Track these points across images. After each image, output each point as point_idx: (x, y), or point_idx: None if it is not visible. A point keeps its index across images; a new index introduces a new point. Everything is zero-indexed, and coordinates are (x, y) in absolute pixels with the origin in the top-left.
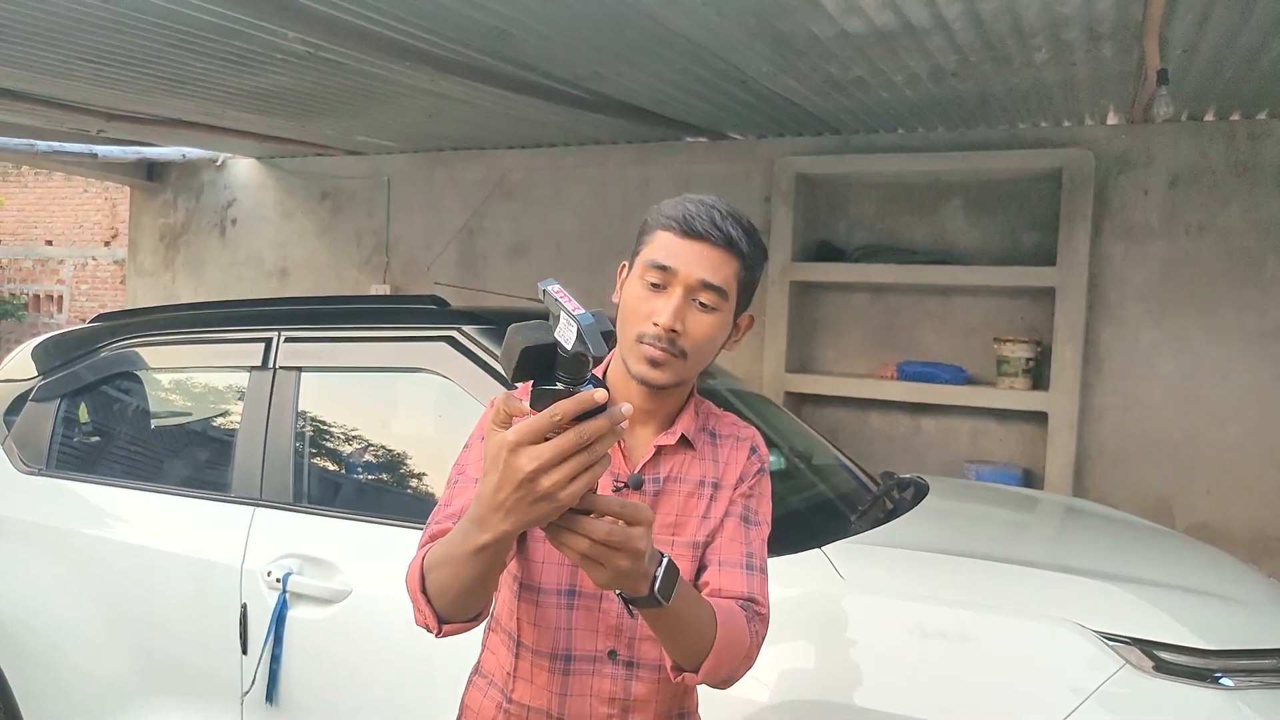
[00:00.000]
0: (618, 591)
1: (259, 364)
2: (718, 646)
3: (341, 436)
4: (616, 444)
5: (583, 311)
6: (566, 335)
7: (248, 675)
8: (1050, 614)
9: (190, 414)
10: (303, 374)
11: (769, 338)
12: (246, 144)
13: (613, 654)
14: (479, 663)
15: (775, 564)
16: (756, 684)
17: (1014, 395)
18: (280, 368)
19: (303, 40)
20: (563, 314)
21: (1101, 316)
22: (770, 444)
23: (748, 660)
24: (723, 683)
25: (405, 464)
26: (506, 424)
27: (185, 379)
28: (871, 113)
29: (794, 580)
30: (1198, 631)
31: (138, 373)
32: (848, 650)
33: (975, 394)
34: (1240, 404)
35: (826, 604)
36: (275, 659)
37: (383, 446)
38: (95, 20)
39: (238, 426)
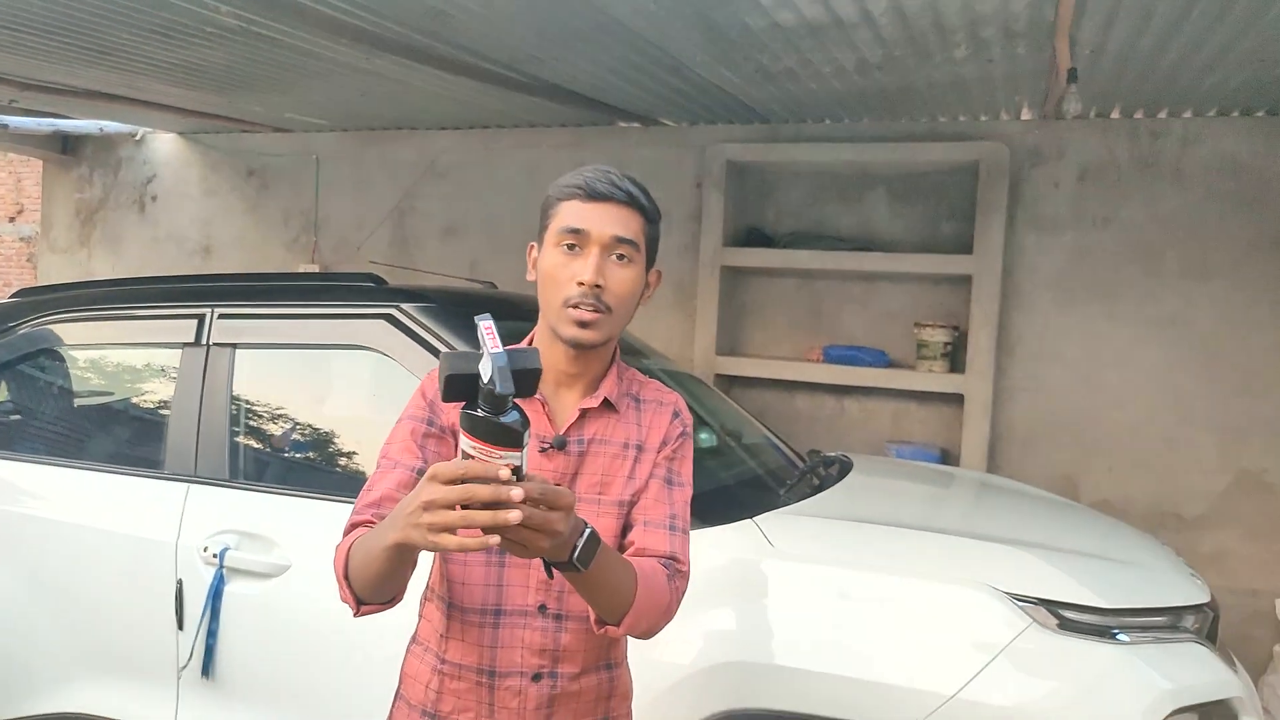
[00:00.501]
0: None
1: (191, 340)
2: (637, 603)
3: (278, 413)
4: (541, 406)
5: (498, 350)
6: (486, 370)
7: (184, 651)
8: (964, 577)
9: (119, 391)
10: (237, 351)
11: (700, 321)
12: (169, 118)
13: (542, 608)
14: (416, 631)
15: (709, 533)
16: (687, 647)
17: (933, 378)
18: (214, 344)
19: (235, 14)
20: (484, 350)
21: (1014, 303)
22: (701, 422)
23: (667, 614)
24: (644, 634)
25: (342, 440)
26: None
27: (113, 356)
28: (801, 103)
29: (726, 548)
30: (1098, 592)
31: (64, 349)
32: (776, 613)
33: (896, 376)
34: (1138, 387)
35: (757, 570)
36: (212, 634)
37: (320, 423)
38: None
39: (169, 403)
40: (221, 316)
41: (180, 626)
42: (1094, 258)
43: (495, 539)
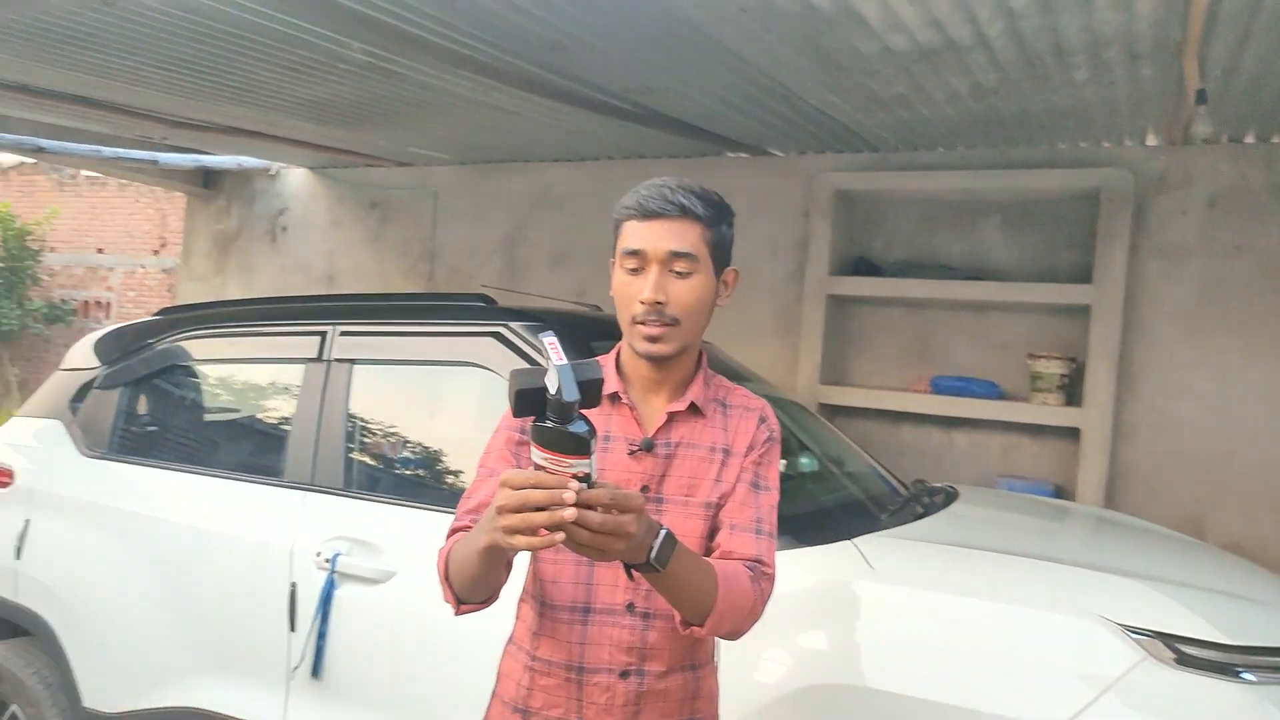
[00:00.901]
0: None
1: (314, 356)
2: (719, 604)
3: (391, 427)
4: (629, 411)
5: (563, 363)
6: (553, 382)
7: (295, 651)
8: (1073, 606)
9: (246, 403)
10: (355, 366)
11: (804, 350)
12: (300, 153)
13: (630, 606)
14: (512, 632)
15: (806, 553)
16: (781, 667)
17: (1047, 411)
18: (334, 360)
19: (366, 50)
20: (550, 363)
21: (1137, 334)
22: (803, 447)
23: (752, 615)
24: (729, 635)
25: (450, 454)
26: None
27: (242, 370)
28: (912, 130)
29: (824, 569)
30: (1220, 627)
31: (197, 363)
32: (873, 637)
33: (1008, 409)
34: (1274, 424)
35: (854, 592)
36: (322, 635)
37: (430, 437)
38: (176, 29)
39: (291, 415)
40: (342, 334)
41: (293, 628)
42: (1226, 288)
43: (560, 536)
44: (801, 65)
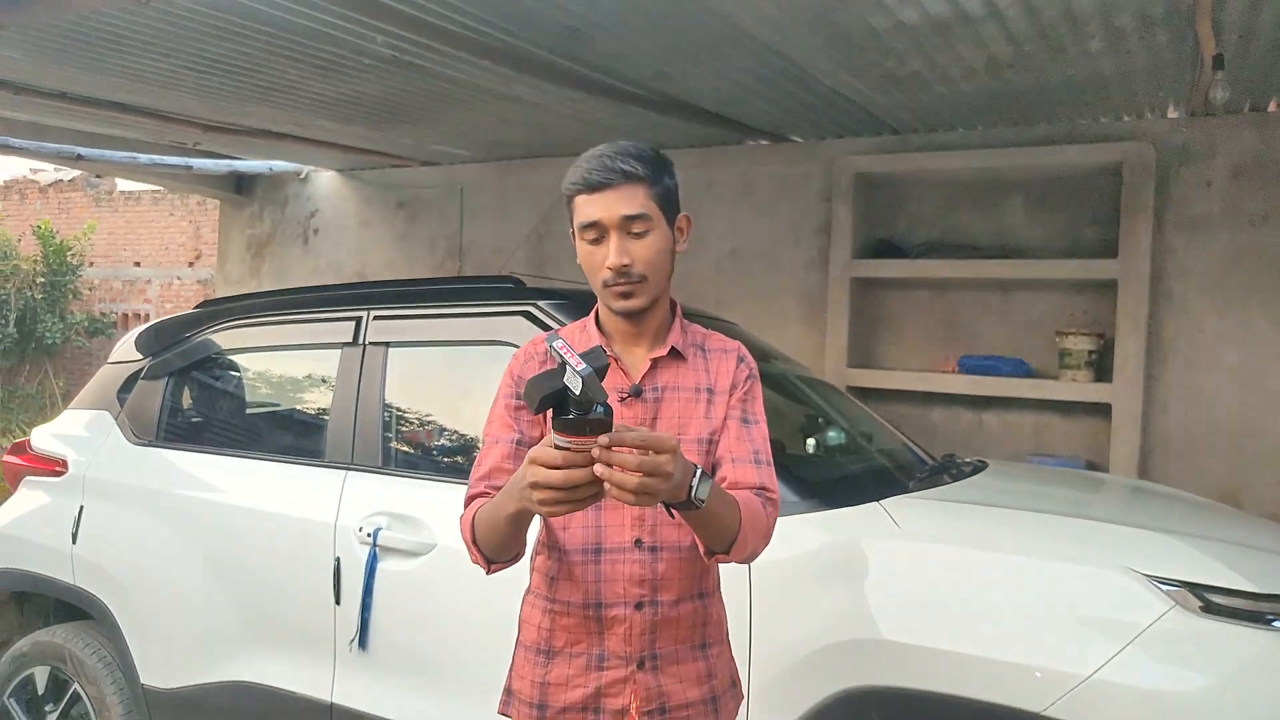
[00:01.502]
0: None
1: (350, 340)
2: (743, 530)
3: (427, 405)
4: (614, 362)
5: (584, 367)
6: (574, 383)
7: (341, 624)
8: (1100, 559)
9: (285, 388)
10: (390, 349)
11: (830, 334)
12: (329, 155)
13: (638, 542)
14: (529, 584)
15: (835, 515)
16: (810, 625)
17: (1077, 387)
18: (370, 343)
19: (389, 44)
20: (568, 366)
21: (1164, 308)
22: (833, 423)
23: (766, 538)
24: (748, 559)
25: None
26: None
27: (281, 356)
28: (930, 110)
29: (852, 528)
30: (1248, 577)
31: (238, 351)
32: (900, 592)
33: (1037, 386)
34: None
35: (882, 550)
36: (366, 608)
37: (464, 414)
38: (207, 28)
39: (330, 398)
40: (376, 318)
41: (338, 601)
42: (1253, 258)
43: (601, 493)
44: (816, 44)
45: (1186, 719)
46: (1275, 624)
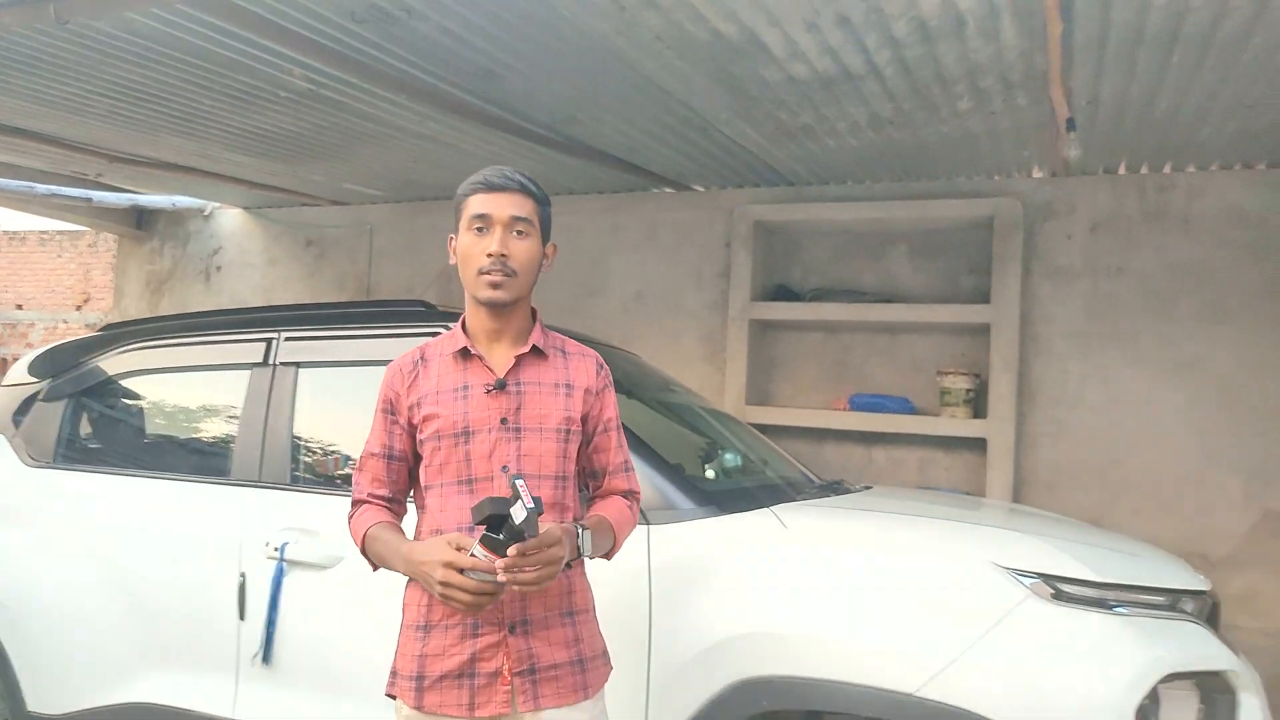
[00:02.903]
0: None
1: (260, 361)
2: (618, 541)
3: (337, 424)
4: (480, 361)
5: (532, 505)
6: (519, 514)
7: (245, 639)
8: (965, 555)
9: (191, 409)
10: (301, 369)
11: (730, 372)
12: (237, 191)
13: None
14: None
15: (731, 519)
16: (710, 621)
17: (956, 424)
18: (280, 363)
19: (306, 76)
20: (520, 501)
21: (1032, 350)
22: (731, 446)
23: (634, 529)
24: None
25: None
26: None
27: (187, 378)
28: (821, 163)
29: (745, 531)
30: (1095, 569)
31: (145, 373)
32: (788, 588)
33: (921, 423)
34: (1160, 430)
35: (771, 550)
36: (271, 622)
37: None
38: (123, 54)
39: (237, 418)
40: (288, 339)
41: (243, 617)
42: (1109, 305)
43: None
44: (716, 94)
45: (1040, 693)
46: (1117, 609)
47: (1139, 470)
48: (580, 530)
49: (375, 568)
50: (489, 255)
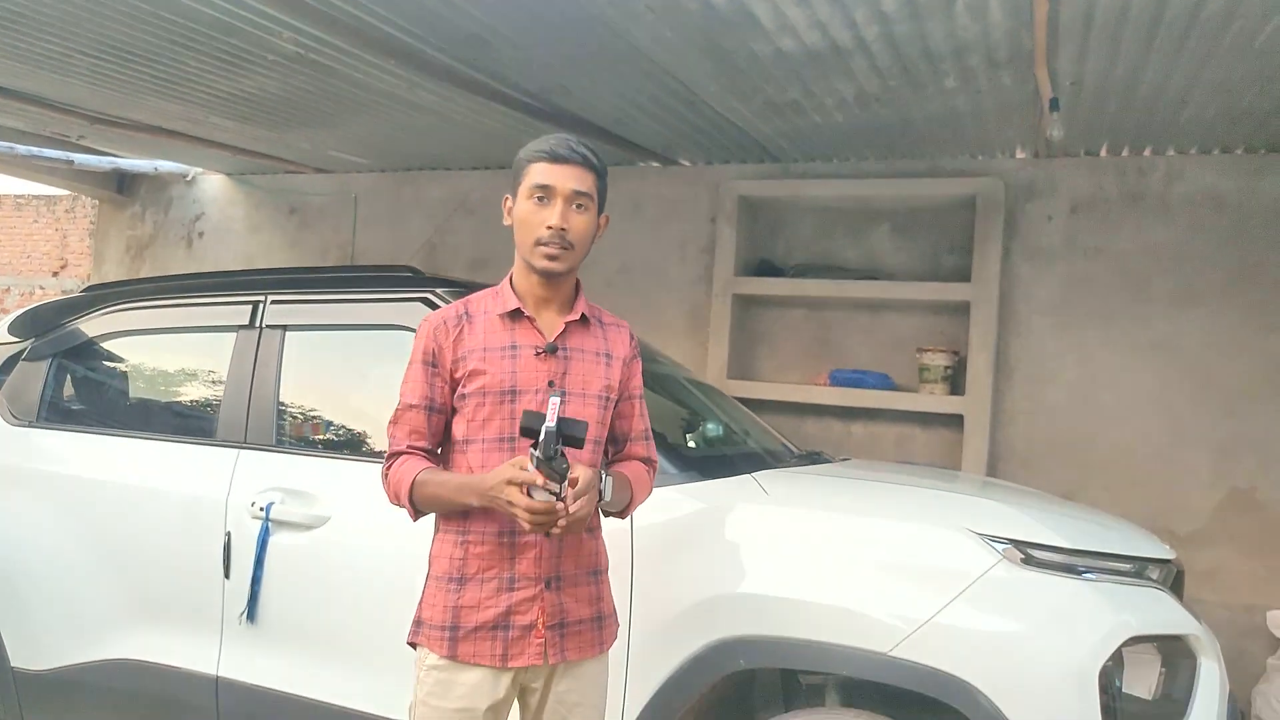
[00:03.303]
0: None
1: (246, 323)
2: (635, 499)
3: (323, 386)
4: (530, 322)
5: (552, 424)
6: (547, 428)
7: (230, 597)
8: (940, 520)
9: (176, 370)
10: (288, 332)
11: (712, 346)
12: (221, 157)
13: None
14: (437, 522)
15: (712, 484)
16: (691, 581)
17: (934, 399)
18: (267, 326)
19: (295, 40)
20: (549, 415)
21: (1011, 329)
22: (714, 416)
23: (650, 495)
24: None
25: (379, 409)
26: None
27: (173, 339)
28: (807, 139)
29: (727, 496)
30: (1064, 535)
31: (130, 333)
32: (768, 551)
33: (899, 399)
34: (1132, 409)
35: (752, 514)
36: (257, 580)
37: (359, 394)
38: (110, 11)
39: (223, 379)
40: (274, 302)
41: (228, 576)
42: (1086, 285)
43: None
44: (704, 67)
45: (1009, 653)
46: (1085, 575)
47: (1111, 447)
48: (603, 475)
49: (416, 517)
50: (549, 228)
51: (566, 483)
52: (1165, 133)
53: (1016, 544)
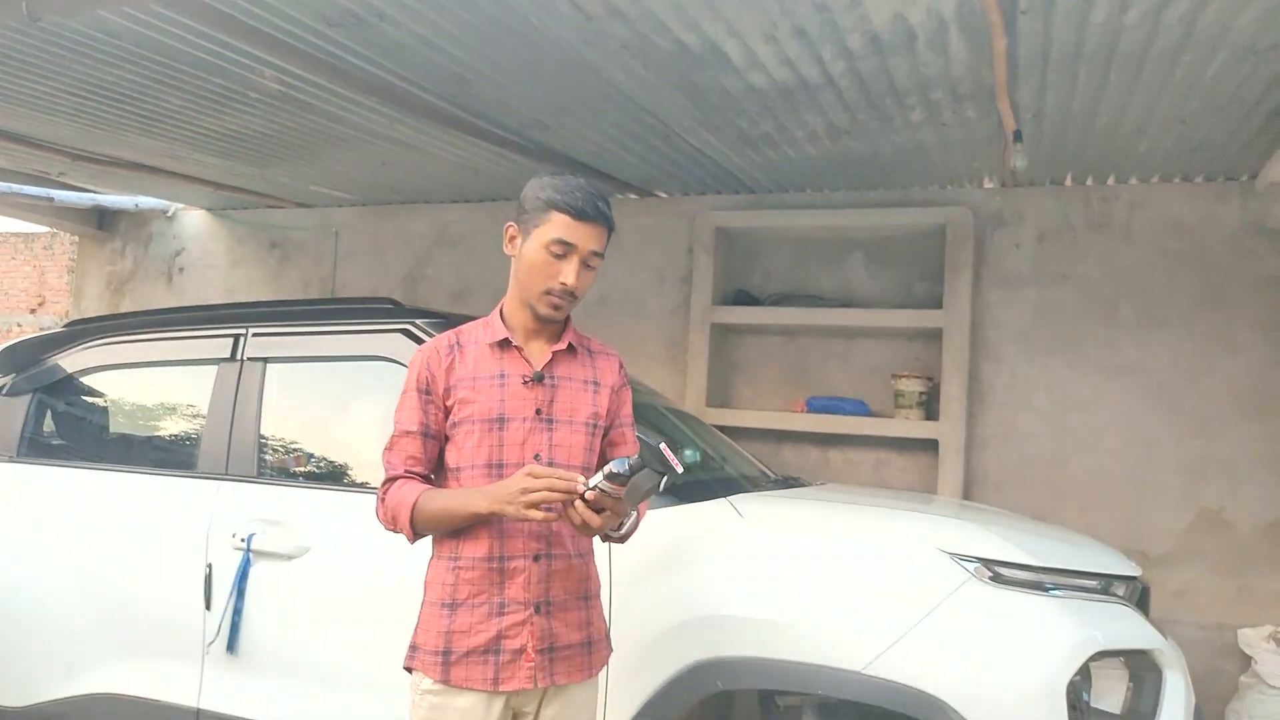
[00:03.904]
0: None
1: (228, 356)
2: (638, 527)
3: (305, 418)
4: (519, 353)
5: (681, 471)
6: (668, 474)
7: (210, 628)
8: (911, 540)
9: (156, 403)
10: (269, 364)
11: (691, 375)
12: (201, 192)
13: (538, 556)
14: (434, 549)
15: (690, 508)
16: (671, 604)
17: (909, 425)
18: (248, 359)
19: (278, 78)
20: (670, 468)
21: (983, 354)
22: (691, 443)
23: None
24: None
25: (362, 440)
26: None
27: (153, 373)
28: (781, 171)
29: (703, 519)
30: (1031, 554)
31: (111, 368)
32: (743, 573)
33: (875, 424)
34: (1103, 432)
35: (728, 537)
36: (237, 611)
37: (341, 425)
38: (96, 53)
39: (204, 412)
40: (256, 335)
41: (208, 607)
42: (1055, 311)
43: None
44: (679, 102)
45: (979, 669)
46: (1052, 591)
47: (1082, 470)
48: (632, 515)
49: (414, 539)
50: (563, 283)
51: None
52: (1126, 162)
53: (985, 562)
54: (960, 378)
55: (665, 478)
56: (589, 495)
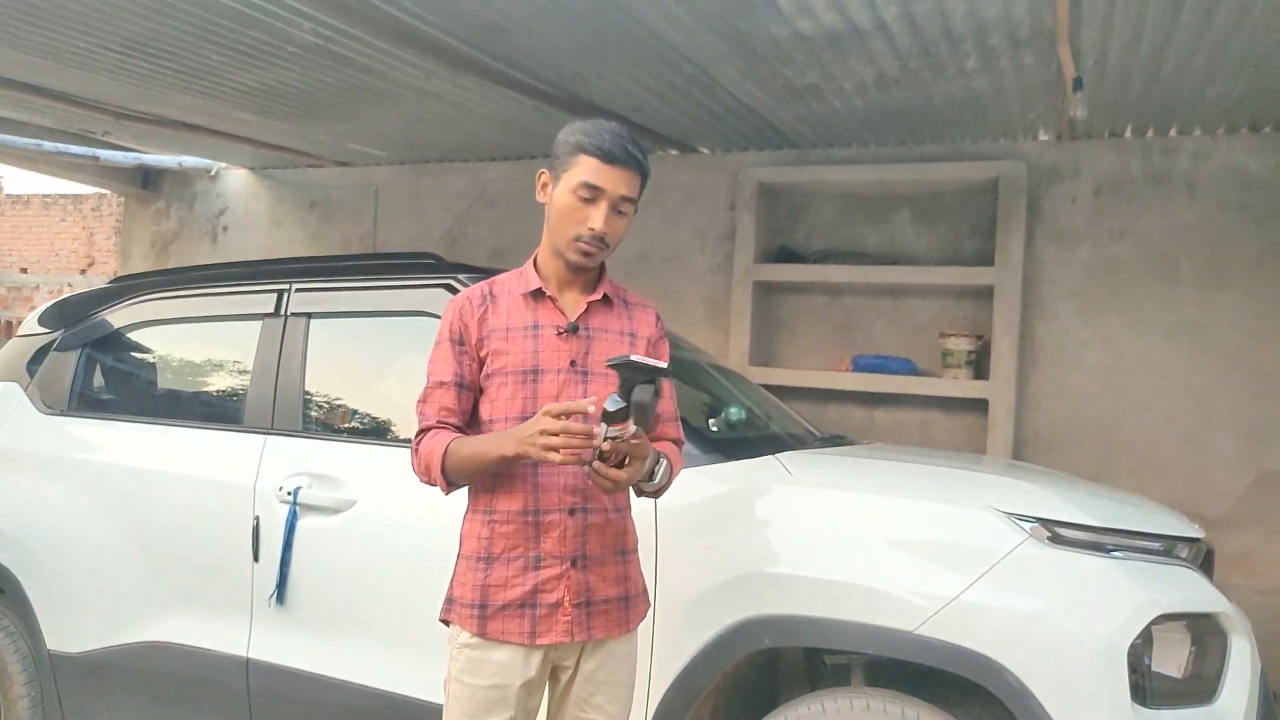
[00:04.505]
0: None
1: (272, 311)
2: (672, 482)
3: (348, 373)
4: (552, 303)
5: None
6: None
7: (259, 580)
8: (966, 499)
9: (202, 358)
10: (312, 319)
11: (734, 334)
12: (242, 151)
13: (573, 510)
14: (469, 503)
15: (736, 465)
16: (715, 561)
17: (957, 384)
18: (292, 314)
19: (315, 30)
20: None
21: (1035, 313)
22: (737, 400)
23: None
24: None
25: (403, 394)
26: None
27: (198, 328)
28: (826, 124)
29: (751, 476)
30: (1091, 514)
31: (157, 323)
32: (792, 530)
33: (922, 384)
34: (1159, 392)
35: (777, 494)
36: (285, 563)
37: (383, 380)
38: (133, 6)
39: (249, 367)
40: (299, 290)
41: (256, 559)
42: (1112, 269)
43: (588, 455)
44: (721, 51)
45: (1037, 631)
46: (1113, 553)
47: (1138, 431)
48: (660, 457)
49: (448, 490)
50: (591, 229)
51: (625, 428)
52: (1191, 111)
53: (1043, 522)
54: (1011, 336)
55: (659, 377)
56: (605, 447)
